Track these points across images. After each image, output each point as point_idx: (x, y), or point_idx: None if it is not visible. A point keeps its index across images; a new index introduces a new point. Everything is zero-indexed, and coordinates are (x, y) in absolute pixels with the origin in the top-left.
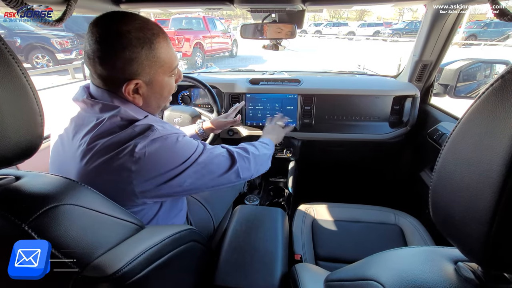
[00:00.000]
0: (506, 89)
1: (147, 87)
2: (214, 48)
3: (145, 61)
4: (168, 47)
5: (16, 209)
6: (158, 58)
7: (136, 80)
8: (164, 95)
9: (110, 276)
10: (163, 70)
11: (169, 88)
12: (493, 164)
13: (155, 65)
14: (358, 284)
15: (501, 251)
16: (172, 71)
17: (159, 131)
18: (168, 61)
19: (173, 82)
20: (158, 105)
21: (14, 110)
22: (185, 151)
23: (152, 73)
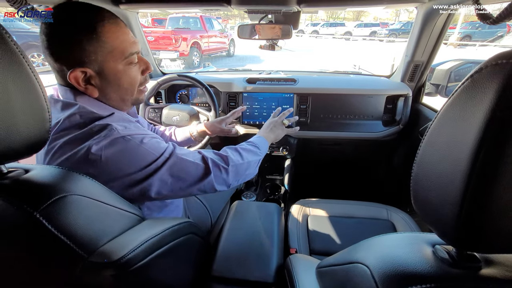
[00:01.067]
0: (474, 87)
1: (99, 76)
2: (212, 47)
3: (88, 47)
4: (118, 32)
5: (28, 198)
6: (104, 44)
7: (82, 68)
8: (123, 85)
9: (115, 262)
10: (113, 57)
11: (129, 79)
12: (463, 154)
13: (101, 52)
14: (346, 268)
15: (470, 233)
16: (126, 58)
17: (118, 131)
18: (117, 46)
19: (134, 72)
20: (121, 98)
21: (25, 106)
22: (148, 155)
23: (100, 61)
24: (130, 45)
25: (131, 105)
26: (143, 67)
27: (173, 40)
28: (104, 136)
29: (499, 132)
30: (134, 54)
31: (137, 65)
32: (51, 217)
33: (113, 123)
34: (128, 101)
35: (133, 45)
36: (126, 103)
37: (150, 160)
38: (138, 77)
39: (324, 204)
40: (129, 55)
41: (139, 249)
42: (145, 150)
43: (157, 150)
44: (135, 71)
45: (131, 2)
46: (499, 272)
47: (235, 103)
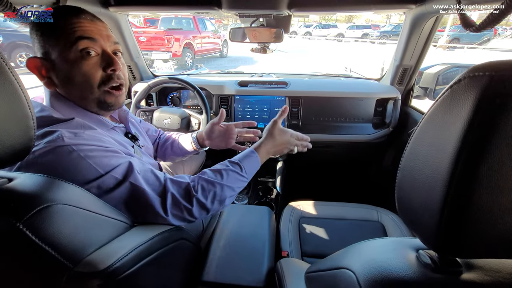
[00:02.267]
0: (453, 98)
1: (54, 68)
2: (204, 48)
3: (45, 37)
4: (72, 21)
5: (11, 209)
6: (56, 31)
7: (36, 58)
8: (76, 79)
9: (101, 272)
10: (62, 44)
11: (81, 72)
12: (443, 163)
13: (53, 38)
14: (333, 273)
15: (451, 239)
16: (75, 44)
17: (63, 138)
18: (65, 32)
19: (89, 65)
20: (80, 96)
21: (8, 115)
22: (90, 170)
23: (52, 50)
24: (82, 31)
25: (96, 106)
26: (105, 62)
27: (165, 40)
28: (46, 142)
29: (476, 142)
30: (86, 40)
31: (95, 59)
32: (35, 227)
33: (62, 129)
34: (88, 100)
35: (84, 32)
36: (87, 102)
37: (91, 177)
38: (96, 73)
39: (315, 206)
40: (77, 38)
41: (127, 257)
42: (88, 165)
43: (103, 167)
44: (89, 64)
45: (120, 5)
46: (478, 276)
47: (227, 105)
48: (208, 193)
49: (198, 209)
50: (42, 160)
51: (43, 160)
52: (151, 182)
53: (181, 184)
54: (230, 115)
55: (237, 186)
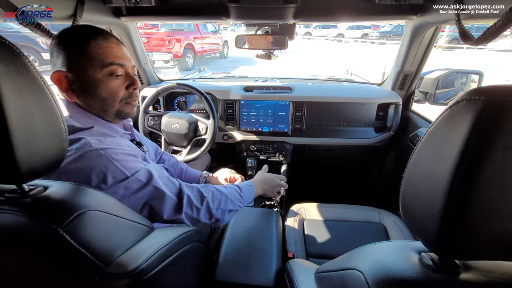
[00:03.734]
0: (452, 118)
1: (78, 82)
2: (205, 49)
3: (72, 55)
4: (102, 44)
5: (51, 216)
6: (86, 52)
7: (62, 71)
8: (100, 95)
9: (130, 272)
10: (92, 65)
11: (108, 90)
12: (443, 175)
13: (83, 58)
14: (343, 274)
15: (450, 243)
16: (106, 67)
17: (90, 144)
18: (97, 55)
19: (115, 85)
20: (101, 108)
21: (45, 129)
22: (118, 172)
23: (80, 67)
24: (113, 56)
25: (114, 116)
26: (128, 82)
27: (166, 41)
28: (76, 149)
29: (472, 159)
30: (116, 65)
31: (120, 79)
32: (73, 232)
33: (87, 137)
34: (109, 112)
35: (115, 57)
36: (107, 113)
37: (119, 179)
38: (120, 91)
39: (319, 208)
40: (109, 64)
41: (151, 258)
42: (115, 167)
43: (129, 170)
44: (115, 84)
45: (132, 15)
46: (475, 277)
47: (233, 110)
48: (215, 199)
49: (204, 212)
50: (75, 165)
51: (76, 165)
52: (169, 186)
53: (193, 188)
54: (236, 119)
55: (236, 204)
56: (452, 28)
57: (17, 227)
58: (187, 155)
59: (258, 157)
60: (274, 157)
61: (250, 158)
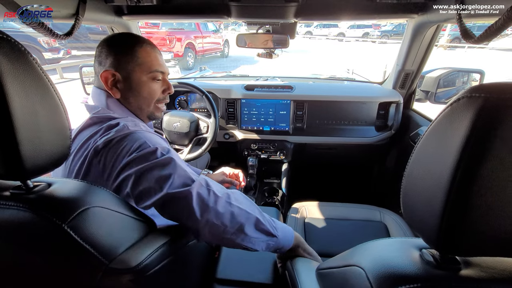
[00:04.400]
0: (453, 115)
1: (125, 82)
2: (206, 48)
3: (122, 58)
4: (151, 52)
5: (55, 212)
6: (136, 57)
7: (112, 71)
8: (142, 94)
9: (133, 268)
10: (140, 68)
11: (150, 91)
12: (443, 172)
13: (132, 62)
14: (344, 270)
15: (451, 240)
16: (151, 73)
17: (128, 127)
18: (146, 62)
19: (155, 87)
20: (138, 106)
21: (50, 126)
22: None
23: (129, 69)
24: (158, 65)
25: (147, 117)
26: (165, 87)
27: (167, 40)
28: (116, 131)
29: (473, 155)
30: (159, 72)
31: (160, 83)
32: (77, 228)
33: (123, 121)
34: (144, 110)
35: (160, 66)
36: (142, 112)
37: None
38: (158, 93)
39: (320, 207)
40: (154, 71)
41: (154, 255)
42: (151, 145)
43: (162, 148)
44: (156, 86)
45: (133, 14)
46: (475, 273)
47: (234, 109)
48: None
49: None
50: (119, 145)
51: (120, 145)
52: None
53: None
54: (237, 118)
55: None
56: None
57: (22, 223)
58: (188, 153)
59: (259, 156)
60: (275, 156)
61: (251, 157)
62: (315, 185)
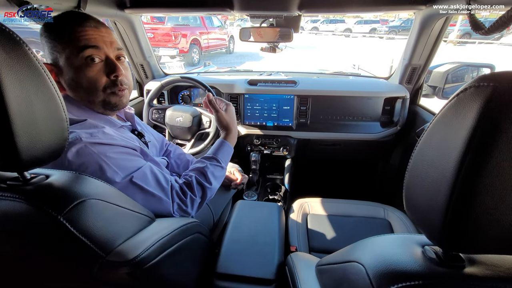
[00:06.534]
0: (460, 105)
1: (63, 74)
2: (211, 44)
3: (53, 45)
4: (78, 29)
5: (51, 203)
6: (61, 41)
7: (48, 64)
8: (82, 84)
9: (130, 261)
10: (69, 53)
11: (87, 78)
12: (448, 166)
13: (62, 48)
14: (344, 266)
15: (455, 236)
16: (81, 52)
17: (81, 138)
18: (73, 41)
19: (94, 72)
20: (87, 99)
21: (46, 117)
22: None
23: (60, 57)
24: (86, 39)
25: (102, 108)
26: (108, 69)
27: (172, 36)
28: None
29: (479, 148)
30: (89, 49)
31: (99, 65)
32: (73, 220)
33: (78, 130)
34: (95, 102)
35: (89, 40)
36: (94, 104)
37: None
38: (100, 78)
39: (323, 203)
40: (82, 48)
41: (151, 248)
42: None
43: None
44: (94, 71)
45: (136, 7)
46: (479, 271)
47: (237, 104)
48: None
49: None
50: (69, 161)
51: (71, 161)
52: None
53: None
54: (240, 113)
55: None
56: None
57: (19, 214)
58: (191, 148)
59: (262, 151)
60: (278, 151)
61: (254, 152)
62: (318, 182)
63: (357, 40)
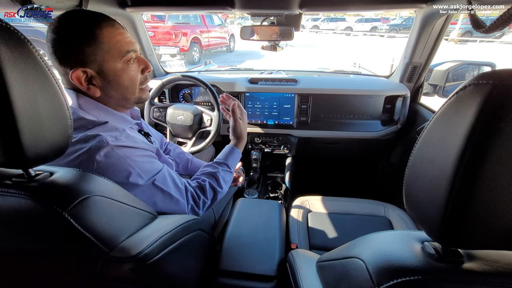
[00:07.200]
0: (459, 103)
1: (100, 76)
2: (212, 43)
3: (86, 49)
4: (114, 33)
5: (56, 200)
6: (101, 44)
7: (83, 68)
8: (123, 84)
9: (133, 257)
10: (111, 56)
11: (129, 77)
12: (447, 163)
13: (100, 52)
14: (344, 262)
15: (454, 232)
16: (124, 56)
17: (107, 141)
18: (114, 46)
19: (134, 71)
20: (123, 97)
21: (51, 115)
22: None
23: (99, 61)
24: (127, 44)
25: (134, 104)
26: (143, 66)
27: (173, 35)
28: (93, 145)
29: (479, 145)
30: (131, 52)
31: (135, 64)
32: (77, 216)
33: (102, 133)
34: (130, 99)
35: (129, 44)
36: (128, 101)
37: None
38: (138, 76)
39: (323, 201)
40: (126, 53)
41: (154, 244)
42: (134, 171)
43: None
44: (134, 70)
45: (137, 6)
46: (478, 266)
47: None
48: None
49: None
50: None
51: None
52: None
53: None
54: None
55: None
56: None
57: (24, 210)
58: (192, 146)
59: (262, 149)
60: (279, 150)
61: (254, 150)
62: (319, 180)
63: (358, 38)
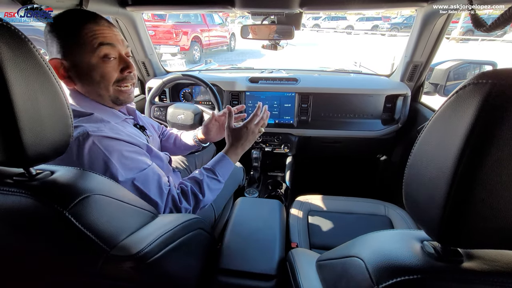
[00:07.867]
0: (459, 102)
1: (75, 69)
2: (212, 42)
3: (66, 42)
4: (93, 29)
5: (57, 198)
6: (79, 38)
7: (57, 59)
8: (95, 79)
9: (134, 255)
10: (85, 50)
11: (102, 73)
12: (447, 162)
13: (76, 44)
14: (343, 261)
15: (453, 231)
16: (97, 50)
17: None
18: (89, 40)
19: (109, 68)
20: (96, 93)
21: (51, 114)
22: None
23: (75, 53)
24: (103, 37)
25: (111, 103)
26: (123, 65)
27: (173, 34)
28: (75, 139)
29: (478, 144)
30: (106, 45)
31: (114, 62)
32: (78, 215)
33: (85, 124)
34: (104, 96)
35: (106, 38)
36: (103, 98)
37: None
38: (114, 74)
39: (324, 200)
40: (99, 46)
41: (154, 243)
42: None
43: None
44: (110, 67)
45: (137, 5)
46: (477, 265)
47: (238, 101)
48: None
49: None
50: (74, 153)
51: (75, 153)
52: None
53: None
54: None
55: (216, 189)
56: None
57: (25, 209)
58: None
59: (263, 148)
60: (279, 149)
61: (255, 149)
62: (319, 179)
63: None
